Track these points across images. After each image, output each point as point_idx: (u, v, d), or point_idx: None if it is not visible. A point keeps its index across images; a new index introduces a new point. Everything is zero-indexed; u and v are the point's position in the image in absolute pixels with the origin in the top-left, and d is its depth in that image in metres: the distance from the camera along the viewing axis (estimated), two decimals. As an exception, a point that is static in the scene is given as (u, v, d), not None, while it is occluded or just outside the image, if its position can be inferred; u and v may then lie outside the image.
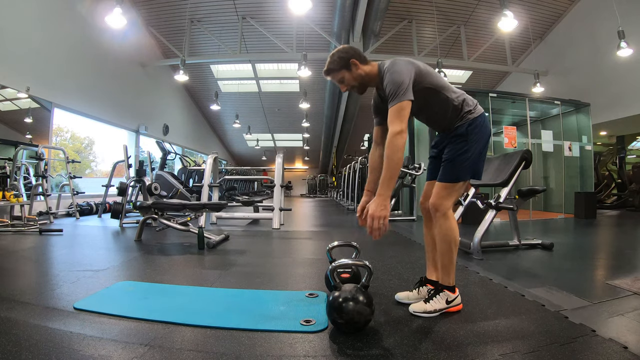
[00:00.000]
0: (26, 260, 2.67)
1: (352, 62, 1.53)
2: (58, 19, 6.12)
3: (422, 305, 1.50)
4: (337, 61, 1.54)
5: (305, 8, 5.68)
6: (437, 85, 1.53)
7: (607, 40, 6.69)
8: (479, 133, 1.54)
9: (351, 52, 1.55)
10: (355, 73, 1.55)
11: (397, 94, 1.39)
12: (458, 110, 1.55)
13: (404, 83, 1.40)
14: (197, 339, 1.28)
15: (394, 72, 1.44)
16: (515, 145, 5.63)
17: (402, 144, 1.36)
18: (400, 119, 1.38)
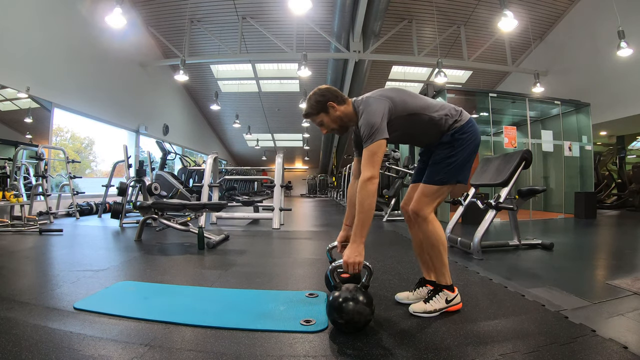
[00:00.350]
0: (26, 260, 2.67)
1: (329, 105, 1.53)
2: (58, 19, 6.12)
3: (422, 305, 1.50)
4: (315, 105, 1.55)
5: (305, 8, 5.67)
6: (415, 109, 1.53)
7: (607, 40, 6.69)
8: (466, 140, 1.54)
9: (328, 94, 1.55)
10: (333, 115, 1.56)
11: (370, 135, 1.41)
12: (441, 126, 1.55)
13: (376, 124, 1.41)
14: (197, 339, 1.28)
15: (367, 113, 1.45)
16: (515, 145, 5.63)
17: (373, 190, 1.37)
18: (372, 164, 1.39)
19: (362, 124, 1.45)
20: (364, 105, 1.50)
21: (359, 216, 1.37)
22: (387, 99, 1.49)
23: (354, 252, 1.35)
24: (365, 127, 1.43)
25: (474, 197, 3.22)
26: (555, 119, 6.66)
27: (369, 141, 1.41)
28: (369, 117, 1.43)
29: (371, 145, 1.40)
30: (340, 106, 1.55)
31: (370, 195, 1.36)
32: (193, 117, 13.64)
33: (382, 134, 1.41)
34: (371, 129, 1.41)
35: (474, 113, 6.99)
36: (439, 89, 5.88)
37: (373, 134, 1.41)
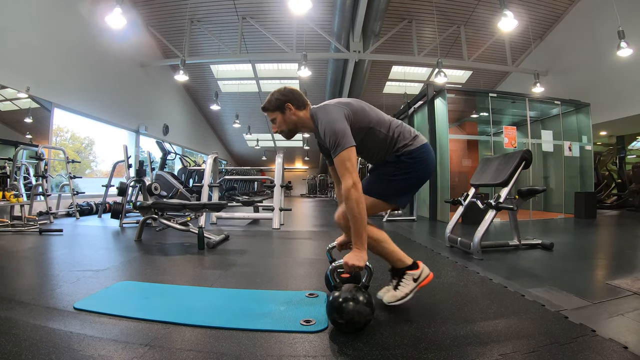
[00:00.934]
0: (26, 260, 2.67)
1: (287, 106, 1.54)
2: (58, 19, 6.12)
3: (392, 294, 1.52)
4: (274, 102, 1.56)
5: (305, 8, 5.67)
6: (371, 123, 1.52)
7: (607, 40, 6.69)
8: (412, 165, 1.52)
9: (289, 95, 1.55)
10: (287, 117, 1.56)
11: (338, 143, 1.40)
12: (392, 145, 1.54)
13: (340, 131, 1.40)
14: (197, 339, 1.28)
15: (330, 122, 1.43)
16: (515, 145, 5.63)
17: (359, 196, 1.36)
18: (349, 171, 1.38)
19: (326, 133, 1.43)
20: (322, 113, 1.49)
21: (354, 226, 1.37)
22: (344, 106, 1.49)
23: (356, 257, 1.36)
24: (330, 136, 1.41)
25: (474, 197, 3.22)
26: (555, 119, 6.66)
27: (339, 149, 1.40)
28: (331, 126, 1.42)
29: (341, 154, 1.39)
30: (298, 110, 1.55)
31: (357, 203, 1.35)
32: (193, 117, 13.64)
33: (349, 141, 1.40)
34: (336, 137, 1.40)
35: (474, 113, 7.01)
36: (439, 89, 5.89)
37: (339, 142, 1.39)
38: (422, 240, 3.71)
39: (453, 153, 6.06)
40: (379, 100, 12.45)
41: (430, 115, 5.89)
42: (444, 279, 2.12)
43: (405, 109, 7.37)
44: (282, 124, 1.58)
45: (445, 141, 5.53)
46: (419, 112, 6.80)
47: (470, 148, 7.14)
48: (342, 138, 1.40)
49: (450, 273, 2.27)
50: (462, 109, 7.08)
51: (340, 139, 1.39)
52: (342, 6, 7.28)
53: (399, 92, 11.87)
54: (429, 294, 1.80)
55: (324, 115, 1.47)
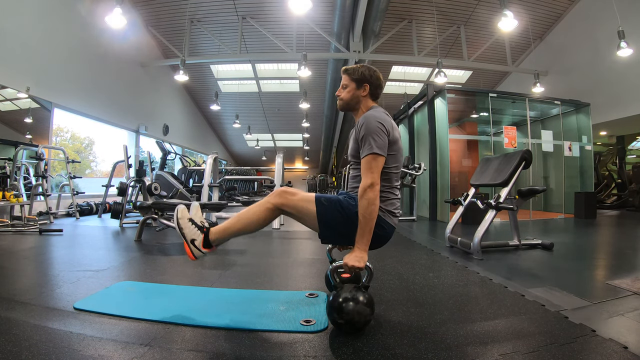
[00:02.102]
0: (26, 260, 2.67)
1: (365, 85, 1.58)
2: (58, 19, 6.12)
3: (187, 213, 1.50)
4: (358, 74, 1.58)
5: (305, 8, 5.67)
6: (386, 166, 1.45)
7: (607, 40, 6.69)
8: (382, 231, 1.45)
9: (373, 80, 1.59)
10: (357, 93, 1.59)
11: (371, 144, 1.39)
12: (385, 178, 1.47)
13: (380, 137, 1.40)
14: (197, 339, 1.28)
15: (376, 120, 1.43)
16: (515, 145, 5.63)
17: (374, 197, 1.35)
18: (371, 171, 1.38)
19: (366, 127, 1.42)
20: (378, 113, 1.50)
21: (361, 224, 1.36)
22: (392, 127, 1.48)
23: (356, 258, 1.35)
24: (369, 134, 1.41)
25: (474, 197, 3.22)
26: (555, 119, 6.66)
27: (367, 150, 1.40)
28: (372, 126, 1.42)
29: (369, 156, 1.39)
30: (368, 94, 1.59)
31: (371, 203, 1.35)
32: (193, 117, 13.64)
33: (382, 150, 1.40)
34: (372, 138, 1.40)
35: (474, 113, 7.01)
36: (439, 89, 5.89)
37: (373, 145, 1.39)
38: (422, 240, 3.71)
39: (453, 153, 6.06)
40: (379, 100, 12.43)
41: (430, 115, 5.89)
42: (444, 279, 2.12)
43: (405, 109, 7.37)
44: (348, 94, 1.60)
45: (445, 141, 5.53)
46: (419, 112, 6.80)
47: (470, 148, 7.14)
48: (378, 141, 1.40)
49: (450, 273, 2.27)
50: (462, 109, 7.09)
51: (376, 141, 1.40)
52: (342, 6, 7.28)
53: (399, 92, 11.87)
54: (429, 294, 1.80)
55: (378, 112, 1.50)
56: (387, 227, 1.48)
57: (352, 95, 1.60)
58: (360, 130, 1.46)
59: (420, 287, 1.92)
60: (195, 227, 1.48)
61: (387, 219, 1.47)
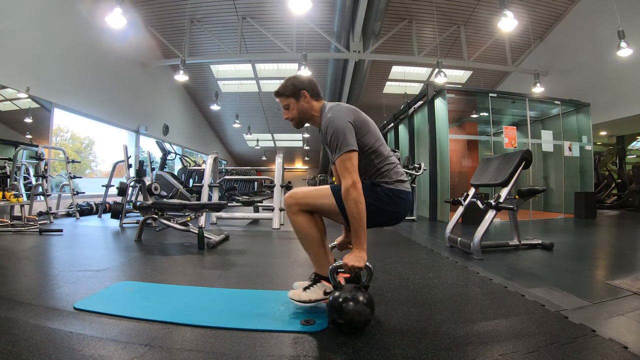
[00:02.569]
0: (26, 260, 2.67)
1: (302, 93, 1.54)
2: (58, 19, 6.11)
3: (298, 293, 1.50)
4: (290, 87, 1.55)
5: (305, 8, 5.67)
6: (368, 147, 1.48)
7: (607, 40, 6.69)
8: (387, 202, 1.47)
9: (306, 83, 1.55)
10: (301, 105, 1.56)
11: (339, 145, 1.39)
12: (374, 176, 1.50)
13: (342, 132, 1.40)
14: (197, 339, 1.28)
15: (333, 119, 1.42)
16: (515, 145, 5.63)
17: (358, 196, 1.35)
18: (348, 170, 1.37)
19: (328, 130, 1.43)
20: (332, 112, 1.47)
21: (353, 226, 1.37)
22: (353, 112, 1.49)
23: (356, 258, 1.36)
24: (332, 134, 1.41)
25: (474, 197, 3.22)
26: (555, 119, 6.66)
27: (338, 152, 1.39)
28: (334, 123, 1.41)
29: (342, 155, 1.38)
30: (312, 100, 1.55)
31: (358, 202, 1.34)
32: (193, 117, 13.64)
33: (350, 145, 1.39)
34: (338, 138, 1.39)
35: (474, 113, 7.01)
36: (439, 89, 5.89)
37: (341, 144, 1.39)
38: (422, 240, 3.71)
39: (453, 153, 6.06)
40: (379, 100, 12.45)
41: (430, 115, 5.89)
42: (444, 279, 2.12)
43: (405, 109, 7.37)
44: (294, 111, 1.57)
45: (445, 141, 5.53)
46: (419, 112, 6.80)
47: (470, 148, 7.14)
48: (343, 140, 1.39)
49: (450, 273, 2.27)
50: (462, 109, 7.08)
51: (342, 140, 1.39)
52: (342, 6, 7.28)
53: (399, 92, 11.87)
54: (429, 294, 1.80)
55: (333, 113, 1.46)
56: (404, 195, 1.50)
57: (298, 109, 1.57)
58: (325, 135, 1.46)
59: (420, 287, 1.92)
60: (312, 287, 1.49)
61: (400, 187, 1.49)
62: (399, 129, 8.11)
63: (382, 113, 12.16)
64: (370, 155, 1.49)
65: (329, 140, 1.43)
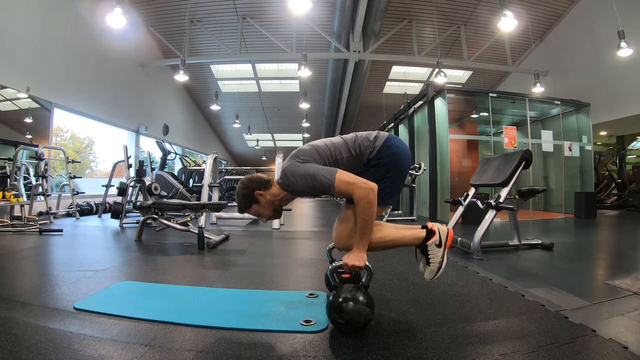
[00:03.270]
0: (26, 260, 2.67)
1: (256, 194, 1.49)
2: (58, 19, 6.12)
3: (429, 270, 1.49)
4: (244, 200, 1.51)
5: (305, 8, 5.67)
6: (333, 156, 1.49)
7: (607, 40, 6.69)
8: (385, 165, 1.48)
9: (251, 185, 1.50)
10: (264, 203, 1.51)
11: (323, 183, 1.37)
12: (360, 160, 1.51)
13: (314, 176, 1.38)
14: (197, 339, 1.28)
15: (298, 179, 1.41)
16: (515, 145, 5.63)
17: (374, 198, 1.33)
18: (352, 184, 1.34)
19: (308, 187, 1.40)
20: (290, 177, 1.44)
21: (360, 227, 1.36)
22: (301, 156, 1.47)
23: (356, 258, 1.36)
24: (315, 185, 1.38)
25: (474, 197, 3.22)
26: (555, 119, 6.66)
27: (330, 187, 1.36)
28: (305, 178, 1.39)
29: (335, 185, 1.35)
30: (267, 191, 1.51)
31: (371, 204, 1.33)
32: (193, 117, 13.64)
33: (330, 173, 1.37)
34: (317, 182, 1.37)
35: (474, 113, 7.01)
36: (439, 89, 5.89)
37: (324, 181, 1.36)
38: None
39: (453, 153, 6.06)
40: (379, 100, 12.45)
41: (430, 115, 5.89)
42: (444, 279, 2.12)
43: (405, 109, 7.37)
44: (265, 211, 1.53)
45: (445, 141, 5.53)
46: (419, 112, 6.80)
47: (470, 148, 7.14)
48: (320, 178, 1.37)
49: (450, 273, 2.26)
50: (462, 109, 7.08)
51: (320, 179, 1.37)
52: (342, 6, 7.28)
53: (399, 92, 11.88)
54: (429, 294, 1.80)
55: (289, 177, 1.44)
56: (388, 141, 1.50)
57: (265, 207, 1.52)
58: (308, 191, 1.44)
59: (420, 287, 1.92)
60: (434, 254, 1.48)
61: (379, 143, 1.49)
62: (399, 129, 8.11)
63: (382, 113, 12.17)
64: (340, 156, 1.49)
65: (316, 190, 1.41)
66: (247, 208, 1.53)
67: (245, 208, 1.54)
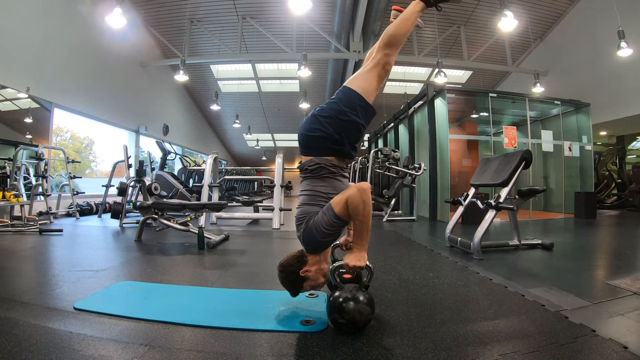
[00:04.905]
0: (26, 260, 2.67)
1: (302, 274, 1.40)
2: (58, 19, 6.11)
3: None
4: (293, 285, 1.42)
5: (305, 8, 5.68)
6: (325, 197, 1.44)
7: (607, 40, 6.69)
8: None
9: (293, 268, 1.40)
10: (312, 275, 1.41)
11: (329, 222, 1.33)
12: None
13: (318, 225, 1.35)
14: (197, 339, 1.28)
15: (313, 236, 1.37)
16: (515, 145, 5.63)
17: (367, 198, 1.30)
18: (343, 200, 1.31)
19: (323, 237, 1.36)
20: (308, 242, 1.40)
21: (358, 227, 1.35)
22: (304, 215, 1.42)
23: (357, 258, 1.35)
24: (326, 229, 1.34)
25: (474, 197, 3.22)
26: (555, 119, 6.66)
27: (333, 214, 1.33)
28: (315, 233, 1.35)
29: (336, 210, 1.32)
30: (309, 265, 1.41)
31: (366, 204, 1.30)
32: (193, 117, 13.64)
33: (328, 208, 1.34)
34: (324, 220, 1.34)
35: (474, 113, 7.01)
36: (439, 89, 5.89)
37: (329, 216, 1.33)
38: (422, 240, 3.71)
39: (453, 153, 6.06)
40: (379, 100, 12.44)
41: (430, 115, 5.89)
42: (444, 279, 2.12)
43: (405, 109, 7.37)
44: (318, 281, 1.43)
45: (445, 141, 5.53)
46: (419, 112, 6.80)
47: (470, 148, 7.14)
48: (325, 218, 1.34)
49: (450, 273, 2.27)
50: (462, 109, 7.09)
51: (325, 220, 1.34)
52: (342, 6, 7.28)
53: (399, 92, 11.87)
54: (429, 294, 1.80)
55: (310, 242, 1.40)
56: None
57: (317, 275, 1.42)
58: (327, 238, 1.38)
59: (420, 287, 1.92)
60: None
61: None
62: (399, 129, 8.11)
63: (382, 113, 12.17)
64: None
65: (333, 231, 1.36)
66: (300, 289, 1.43)
67: (299, 290, 1.44)
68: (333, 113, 1.41)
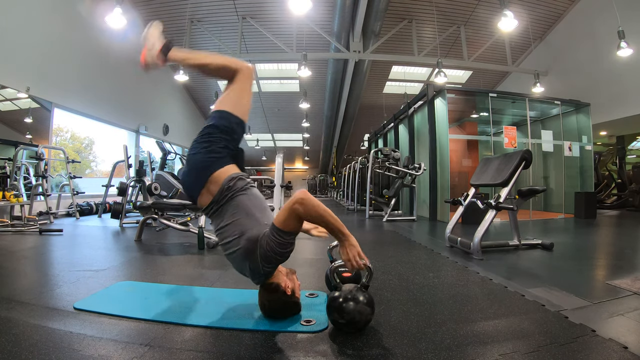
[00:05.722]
0: (26, 260, 2.67)
1: (288, 292, 1.40)
2: (58, 19, 6.12)
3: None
4: (288, 305, 1.42)
5: (305, 8, 5.67)
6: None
7: (607, 40, 6.69)
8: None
9: (279, 293, 1.39)
10: (289, 283, 1.42)
11: (270, 236, 1.31)
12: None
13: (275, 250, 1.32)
14: (197, 339, 1.28)
15: (272, 257, 1.34)
16: (515, 145, 5.63)
17: (309, 201, 1.26)
18: (284, 211, 1.29)
19: (271, 253, 1.33)
20: (257, 266, 1.37)
21: (328, 227, 1.31)
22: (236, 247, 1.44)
23: (349, 247, 1.30)
24: (267, 246, 1.32)
25: (474, 197, 3.22)
26: (555, 119, 6.66)
27: (272, 229, 1.32)
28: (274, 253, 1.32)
29: (278, 225, 1.30)
30: (279, 280, 1.43)
31: (314, 206, 1.26)
32: (193, 117, 13.65)
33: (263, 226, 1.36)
34: (262, 238, 1.33)
35: (474, 113, 7.01)
36: (439, 89, 5.89)
37: (269, 233, 1.32)
38: (422, 240, 3.71)
39: (453, 153, 6.06)
40: (379, 100, 12.45)
41: (430, 115, 5.89)
42: (444, 279, 2.12)
43: (405, 109, 7.37)
44: (288, 282, 1.43)
45: (445, 141, 5.53)
46: (419, 112, 6.80)
47: (470, 148, 7.14)
48: (259, 238, 1.34)
49: (450, 273, 2.27)
50: (462, 109, 7.09)
51: (263, 237, 1.33)
52: (342, 6, 7.29)
53: (399, 92, 11.88)
54: (429, 294, 1.80)
55: (262, 260, 1.36)
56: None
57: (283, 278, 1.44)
58: (275, 255, 1.34)
59: (420, 287, 1.92)
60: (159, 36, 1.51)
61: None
62: (399, 129, 8.11)
63: (382, 113, 12.17)
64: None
65: (281, 249, 1.33)
66: (294, 298, 1.44)
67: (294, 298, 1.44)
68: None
